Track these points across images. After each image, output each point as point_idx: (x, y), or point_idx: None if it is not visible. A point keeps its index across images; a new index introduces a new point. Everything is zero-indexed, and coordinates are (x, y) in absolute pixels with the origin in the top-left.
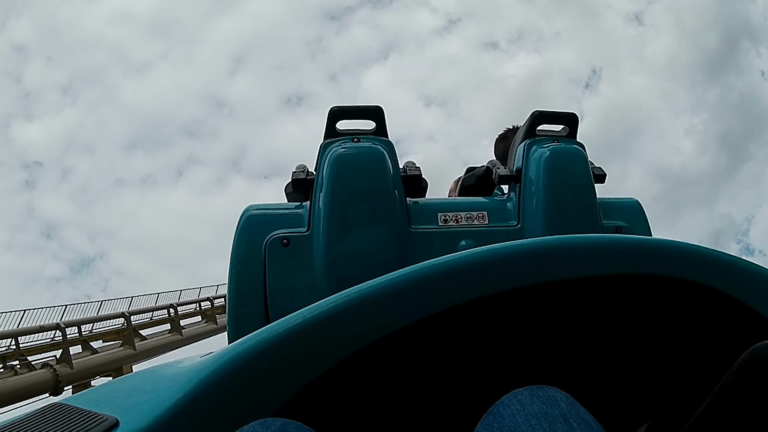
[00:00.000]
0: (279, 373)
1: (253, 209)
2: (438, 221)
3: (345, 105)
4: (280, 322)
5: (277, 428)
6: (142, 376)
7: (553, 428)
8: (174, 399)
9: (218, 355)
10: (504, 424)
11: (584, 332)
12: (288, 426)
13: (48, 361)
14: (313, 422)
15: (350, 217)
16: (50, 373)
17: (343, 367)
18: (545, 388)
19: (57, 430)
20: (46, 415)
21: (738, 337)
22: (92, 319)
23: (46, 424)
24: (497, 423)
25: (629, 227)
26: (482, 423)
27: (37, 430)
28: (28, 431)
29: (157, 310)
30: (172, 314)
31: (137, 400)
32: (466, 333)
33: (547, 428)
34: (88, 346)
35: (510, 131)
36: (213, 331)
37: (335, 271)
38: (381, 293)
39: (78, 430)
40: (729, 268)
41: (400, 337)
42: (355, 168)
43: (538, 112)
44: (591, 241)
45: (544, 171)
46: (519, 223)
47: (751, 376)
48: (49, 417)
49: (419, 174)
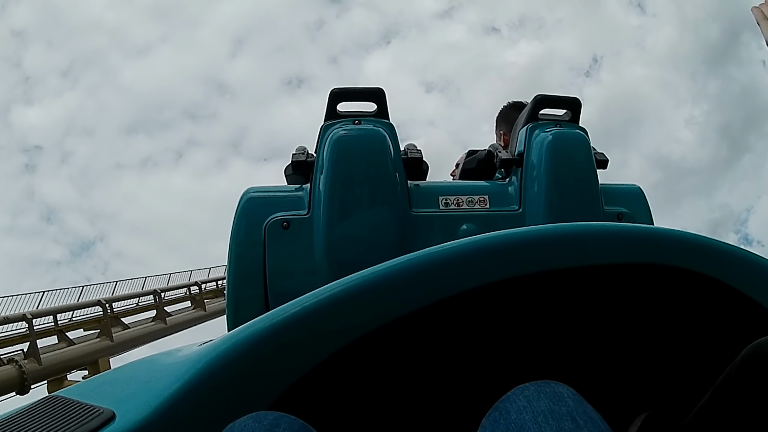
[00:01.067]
0: (277, 363)
1: (252, 192)
2: (439, 204)
3: (346, 87)
4: (277, 310)
5: (270, 422)
6: (140, 366)
7: (560, 426)
8: (170, 390)
9: (215, 344)
10: (510, 421)
11: (586, 322)
12: (281, 420)
13: (14, 356)
14: (310, 413)
15: (350, 199)
16: (15, 369)
17: (343, 357)
18: (552, 383)
19: (53, 423)
20: (43, 408)
21: (740, 329)
22: (66, 307)
23: (43, 418)
24: (503, 419)
25: (631, 214)
26: (488, 418)
27: (34, 423)
28: (25, 425)
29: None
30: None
31: (134, 391)
32: (467, 323)
33: (554, 426)
34: (65, 337)
35: (510, 107)
36: (201, 318)
37: (335, 253)
38: (380, 281)
39: (74, 424)
40: (733, 259)
41: (400, 326)
42: (355, 150)
43: (540, 96)
44: (594, 230)
45: (546, 155)
46: (520, 208)
47: (753, 371)
48: (46, 410)
49: (420, 157)
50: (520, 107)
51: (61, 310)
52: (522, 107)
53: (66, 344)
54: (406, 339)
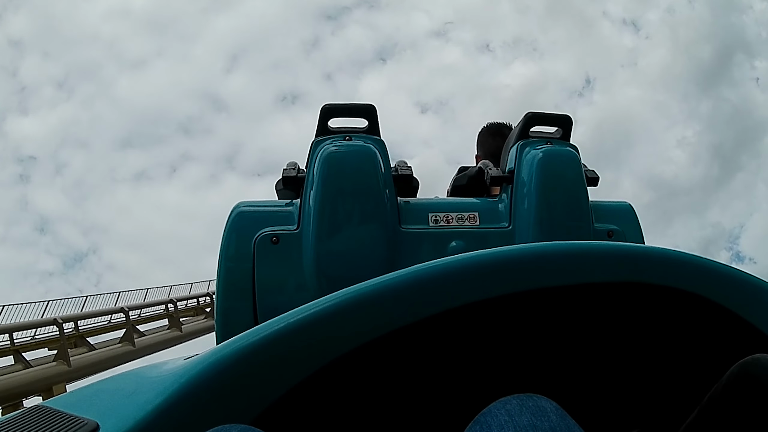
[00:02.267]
0: (261, 378)
1: (242, 206)
2: (429, 221)
3: (337, 103)
4: (263, 325)
5: None
6: (126, 378)
7: None
8: (155, 403)
9: (201, 358)
10: None
11: (574, 339)
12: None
13: None
14: (292, 429)
15: (340, 215)
16: None
17: (328, 373)
18: (535, 397)
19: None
20: (27, 419)
21: (729, 347)
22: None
23: (27, 428)
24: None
25: (621, 231)
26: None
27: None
28: None
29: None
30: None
31: (119, 402)
32: (455, 338)
33: None
34: (21, 358)
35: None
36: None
37: (324, 269)
38: (367, 297)
39: None
40: (722, 277)
41: (385, 342)
42: (346, 166)
43: (531, 113)
44: (583, 249)
45: (537, 172)
46: (510, 225)
47: (739, 390)
48: (29, 420)
49: (410, 173)
50: (495, 131)
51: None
52: (499, 129)
53: (22, 366)
54: (392, 354)
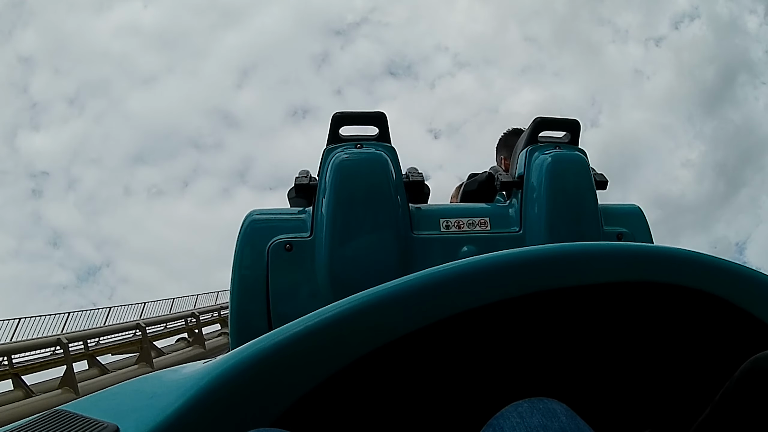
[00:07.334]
0: (279, 380)
1: (255, 214)
2: (440, 227)
3: (348, 111)
4: (281, 329)
5: None
6: (145, 381)
7: None
8: (175, 406)
9: (220, 362)
10: None
11: (585, 339)
12: None
13: None
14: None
15: (353, 222)
16: None
17: (342, 377)
18: (545, 400)
19: None
20: (46, 423)
21: (740, 345)
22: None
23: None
24: None
25: (631, 233)
26: None
27: None
28: None
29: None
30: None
31: (138, 406)
32: (467, 341)
33: None
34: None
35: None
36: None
37: (338, 276)
38: (382, 301)
39: None
40: (731, 274)
41: (398, 346)
42: (357, 173)
43: (540, 118)
44: (595, 249)
45: (546, 177)
46: (521, 230)
47: (752, 386)
48: (49, 424)
49: (422, 180)
50: (519, 133)
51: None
52: (521, 133)
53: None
54: (405, 357)
